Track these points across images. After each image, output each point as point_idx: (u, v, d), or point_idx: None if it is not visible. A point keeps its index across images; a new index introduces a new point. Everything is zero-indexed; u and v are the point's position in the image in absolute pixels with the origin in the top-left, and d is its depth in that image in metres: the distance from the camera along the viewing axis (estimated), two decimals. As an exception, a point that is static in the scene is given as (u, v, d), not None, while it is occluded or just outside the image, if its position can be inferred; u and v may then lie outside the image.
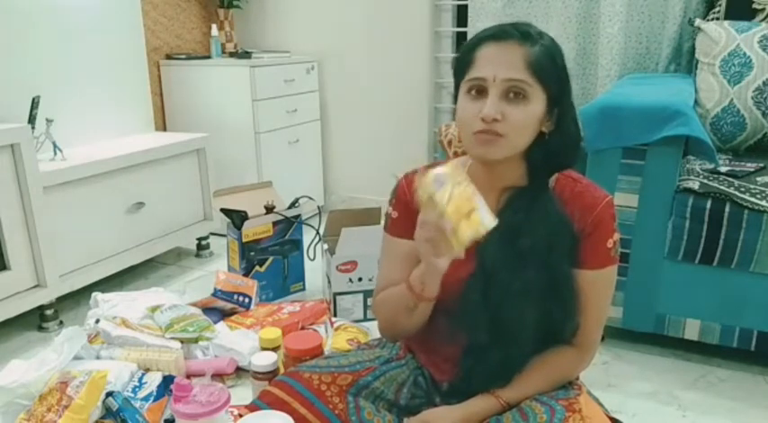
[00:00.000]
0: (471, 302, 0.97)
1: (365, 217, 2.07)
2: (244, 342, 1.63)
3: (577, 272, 0.99)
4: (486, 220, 0.84)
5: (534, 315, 0.96)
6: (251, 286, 1.90)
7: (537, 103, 0.93)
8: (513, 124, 0.92)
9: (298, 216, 2.14)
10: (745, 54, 1.89)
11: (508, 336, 0.97)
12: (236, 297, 1.84)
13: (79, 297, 2.08)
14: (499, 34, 0.94)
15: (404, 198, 1.08)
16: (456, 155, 1.87)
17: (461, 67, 0.97)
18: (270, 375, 1.36)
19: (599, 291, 1.01)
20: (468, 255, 0.98)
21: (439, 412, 1.01)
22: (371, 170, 2.99)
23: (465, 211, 0.84)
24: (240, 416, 1.04)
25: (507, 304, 0.96)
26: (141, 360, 1.51)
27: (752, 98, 1.87)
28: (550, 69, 0.94)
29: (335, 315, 1.92)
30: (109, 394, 1.32)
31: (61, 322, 1.97)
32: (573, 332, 1.01)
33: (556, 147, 0.98)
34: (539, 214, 0.97)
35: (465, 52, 0.97)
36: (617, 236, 1.00)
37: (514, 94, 0.92)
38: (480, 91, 0.94)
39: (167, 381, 1.46)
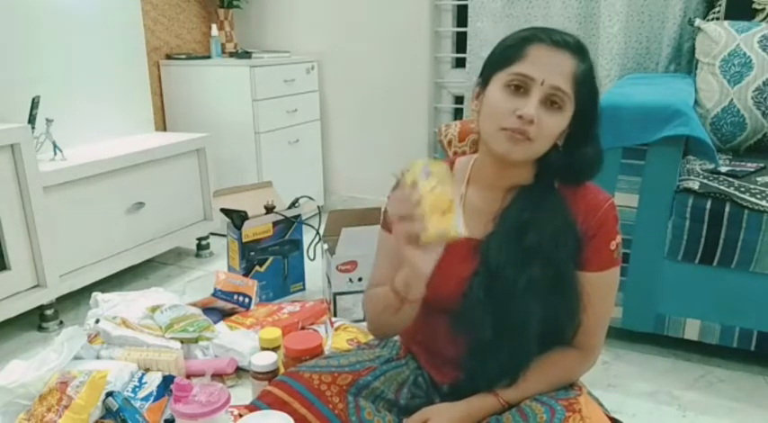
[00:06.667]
0: (475, 300, 0.97)
1: (365, 217, 2.07)
2: (244, 342, 1.63)
3: (580, 274, 0.98)
4: (458, 226, 0.84)
5: (539, 313, 0.96)
6: (251, 286, 1.90)
7: (567, 115, 0.94)
8: (544, 131, 0.92)
9: (298, 216, 2.14)
10: (745, 54, 1.89)
11: (513, 334, 0.96)
12: (236, 297, 1.84)
13: (79, 297, 2.08)
14: (558, 40, 0.93)
15: None
16: (456, 155, 1.87)
17: (506, 57, 0.95)
18: (270, 375, 1.36)
19: (602, 293, 1.01)
20: (469, 253, 0.99)
21: (439, 409, 1.01)
22: (371, 170, 2.99)
23: (441, 208, 0.84)
24: (240, 416, 1.04)
25: (513, 302, 0.95)
26: (141, 360, 1.51)
27: (752, 98, 1.87)
28: (589, 89, 0.95)
29: (335, 315, 1.92)
30: (109, 394, 1.32)
31: (61, 322, 1.97)
32: (574, 332, 1.01)
33: (563, 161, 0.98)
34: (546, 212, 0.97)
35: (515, 44, 0.95)
36: (619, 238, 1.00)
37: (551, 102, 0.92)
38: (520, 88, 0.92)
39: (167, 381, 1.46)
